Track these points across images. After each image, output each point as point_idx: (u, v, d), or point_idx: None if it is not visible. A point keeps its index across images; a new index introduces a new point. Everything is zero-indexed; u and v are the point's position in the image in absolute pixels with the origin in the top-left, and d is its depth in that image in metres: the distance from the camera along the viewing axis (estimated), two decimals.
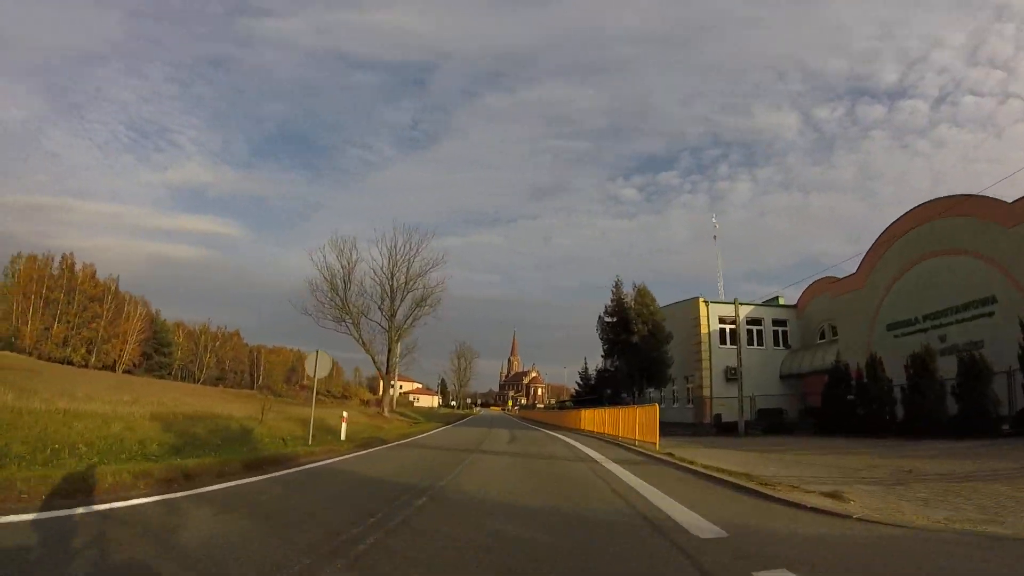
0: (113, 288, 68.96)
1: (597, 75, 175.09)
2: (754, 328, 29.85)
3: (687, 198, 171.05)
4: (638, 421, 13.76)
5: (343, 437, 14.19)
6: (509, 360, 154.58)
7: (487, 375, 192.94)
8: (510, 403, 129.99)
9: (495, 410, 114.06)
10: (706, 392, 28.18)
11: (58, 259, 62.38)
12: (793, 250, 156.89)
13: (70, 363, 57.05)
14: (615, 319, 28.78)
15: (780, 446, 14.61)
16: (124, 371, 65.72)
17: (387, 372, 33.20)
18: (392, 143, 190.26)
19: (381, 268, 32.10)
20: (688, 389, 30.37)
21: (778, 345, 30.38)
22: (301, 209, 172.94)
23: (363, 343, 31.94)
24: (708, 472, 8.11)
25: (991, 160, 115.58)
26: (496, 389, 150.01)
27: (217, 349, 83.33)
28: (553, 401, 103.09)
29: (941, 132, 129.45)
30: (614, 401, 31.16)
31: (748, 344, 27.96)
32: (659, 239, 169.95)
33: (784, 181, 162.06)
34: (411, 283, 32.41)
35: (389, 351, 32.69)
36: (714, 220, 29.85)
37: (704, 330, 29.11)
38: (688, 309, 30.52)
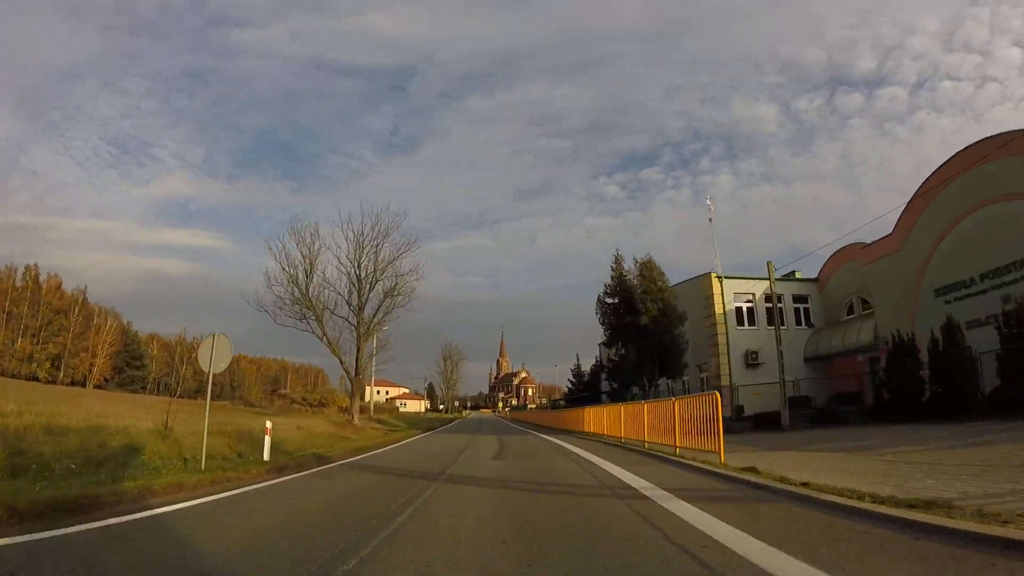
0: (80, 300, 64.97)
1: (579, 73, 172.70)
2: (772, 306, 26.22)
3: (670, 193, 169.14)
4: (679, 420, 9.48)
5: (266, 455, 10.54)
6: (498, 361, 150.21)
7: (476, 377, 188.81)
8: (500, 404, 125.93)
9: (485, 412, 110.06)
10: (725, 381, 24.38)
11: (21, 271, 59.27)
12: (778, 241, 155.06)
13: (36, 379, 52.88)
14: (617, 300, 24.50)
15: (857, 441, 10.88)
16: (95, 386, 61.78)
17: (356, 374, 28.88)
18: (374, 149, 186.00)
19: (347, 255, 28.02)
20: (703, 379, 26.49)
21: (800, 324, 26.79)
22: (287, 219, 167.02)
23: (328, 341, 27.83)
24: (881, 511, 4.15)
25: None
26: (486, 391, 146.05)
27: (194, 361, 79.22)
28: (545, 401, 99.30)
29: (920, 118, 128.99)
30: (617, 396, 27.21)
31: (768, 324, 24.31)
32: (645, 236, 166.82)
33: (766, 173, 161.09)
34: (380, 271, 28.32)
35: (358, 349, 28.53)
36: (708, 201, 27.04)
37: (719, 310, 25.31)
38: (698, 287, 26.72)
